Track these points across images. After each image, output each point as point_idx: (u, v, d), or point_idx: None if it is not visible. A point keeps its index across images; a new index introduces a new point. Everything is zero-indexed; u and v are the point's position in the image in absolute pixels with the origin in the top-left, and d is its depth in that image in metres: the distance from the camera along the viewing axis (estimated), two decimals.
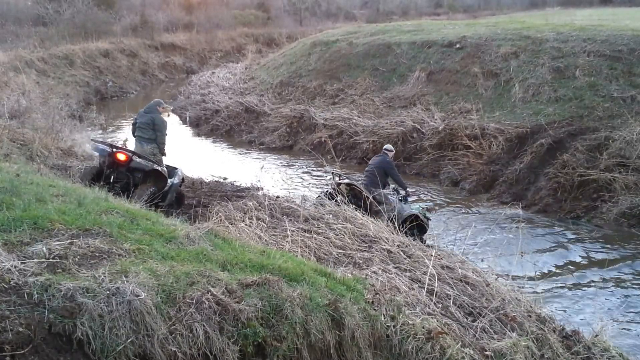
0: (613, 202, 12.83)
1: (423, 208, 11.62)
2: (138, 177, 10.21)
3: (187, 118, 23.67)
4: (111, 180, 9.87)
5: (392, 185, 11.83)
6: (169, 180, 10.83)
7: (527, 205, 13.52)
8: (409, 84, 20.40)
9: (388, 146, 12.27)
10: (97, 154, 10.25)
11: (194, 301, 4.52)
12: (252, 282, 5.14)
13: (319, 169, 16.64)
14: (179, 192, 11.36)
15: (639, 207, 12.36)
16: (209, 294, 4.67)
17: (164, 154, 11.34)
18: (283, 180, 15.85)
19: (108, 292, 4.16)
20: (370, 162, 12.03)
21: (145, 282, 4.41)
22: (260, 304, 4.87)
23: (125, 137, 19.50)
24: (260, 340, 4.70)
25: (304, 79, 23.87)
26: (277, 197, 11.22)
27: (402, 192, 11.67)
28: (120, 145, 10.47)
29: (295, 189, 14.58)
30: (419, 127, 17.43)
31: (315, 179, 16.20)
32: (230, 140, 21.11)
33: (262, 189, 12.37)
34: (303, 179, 16.30)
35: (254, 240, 8.23)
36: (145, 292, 4.27)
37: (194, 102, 25.63)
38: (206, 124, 22.59)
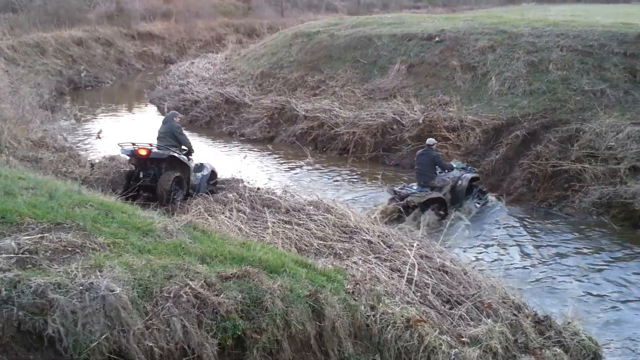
0: (583, 192, 13.14)
1: (464, 168, 13.37)
2: (162, 168, 10.90)
3: (166, 109, 23.43)
4: (141, 176, 10.79)
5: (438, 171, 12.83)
6: (198, 174, 11.61)
7: (502, 194, 13.71)
8: (390, 76, 20.44)
9: (430, 140, 12.95)
10: (126, 156, 11.13)
11: (171, 295, 4.48)
12: (231, 274, 5.12)
13: (301, 160, 16.60)
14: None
15: (608, 197, 12.66)
16: (187, 287, 4.64)
17: (192, 151, 11.78)
18: (264, 172, 15.80)
19: (81, 287, 4.09)
20: (418, 160, 12.82)
21: (120, 277, 4.36)
22: (240, 296, 4.85)
23: (99, 128, 19.40)
24: (239, 333, 4.68)
25: (285, 70, 23.78)
26: (258, 188, 11.20)
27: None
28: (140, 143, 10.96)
29: (275, 180, 14.54)
30: (399, 118, 17.49)
31: (297, 171, 16.17)
32: (210, 132, 20.99)
33: (242, 180, 12.32)
34: (284, 171, 16.27)
35: (234, 232, 8.22)
36: (120, 286, 4.22)
37: (172, 92, 25.39)
38: (185, 115, 22.40)
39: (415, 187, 12.67)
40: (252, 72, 25.16)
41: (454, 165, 13.23)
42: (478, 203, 13.21)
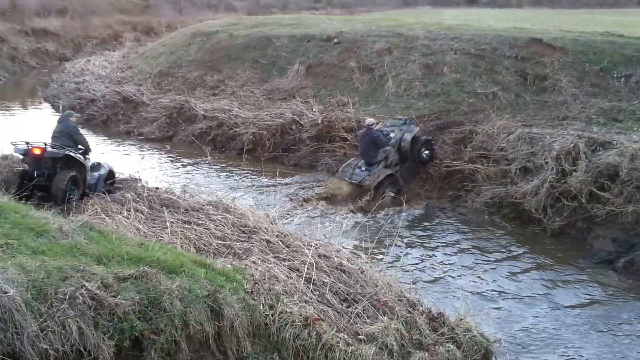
0: (476, 192, 13.65)
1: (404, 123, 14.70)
2: (58, 167, 10.51)
3: (61, 107, 22.46)
4: (35, 176, 10.30)
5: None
6: (95, 173, 11.28)
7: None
8: (289, 76, 20.60)
9: (369, 120, 14.18)
10: (19, 155, 10.69)
11: (66, 297, 4.42)
12: (129, 275, 5.09)
13: (200, 160, 16.46)
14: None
15: (499, 197, 13.20)
16: (83, 288, 4.59)
17: (89, 150, 11.46)
18: (163, 172, 15.54)
19: None
20: (360, 140, 14.16)
21: (14, 278, 4.26)
22: (137, 297, 4.84)
23: None
24: (137, 334, 4.67)
25: (184, 70, 23.44)
26: (157, 188, 11.03)
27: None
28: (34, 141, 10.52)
29: (174, 179, 14.34)
30: (297, 119, 17.64)
31: (196, 170, 16.02)
32: (107, 131, 20.36)
33: (140, 180, 12.08)
34: (183, 170, 16.06)
35: (132, 232, 8.09)
36: (14, 288, 4.13)
37: (67, 90, 24.48)
38: (81, 114, 21.59)
39: (363, 167, 13.78)
40: (150, 70, 24.62)
41: (390, 129, 14.43)
42: (427, 152, 14.55)
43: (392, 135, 14.28)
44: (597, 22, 27.62)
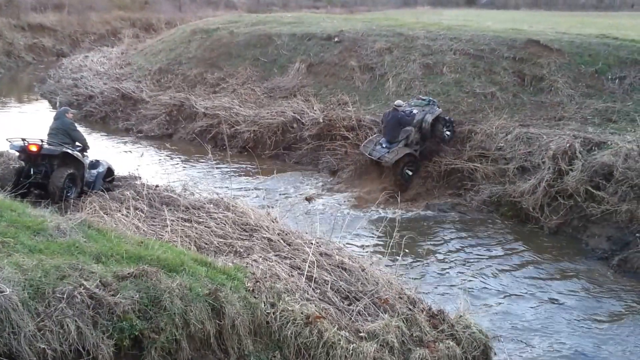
0: (475, 190, 13.79)
1: (427, 104, 15.07)
2: (55, 165, 10.44)
3: (58, 103, 22.41)
4: (31, 173, 10.22)
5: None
6: (93, 171, 11.22)
7: (415, 173, 14.32)
8: (290, 75, 20.57)
9: (398, 102, 14.65)
10: (15, 152, 10.61)
11: (64, 296, 4.36)
12: (128, 274, 5.02)
13: (200, 158, 16.39)
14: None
15: (497, 195, 13.39)
16: (82, 287, 4.52)
17: (87, 147, 11.34)
18: (163, 169, 15.47)
19: None
20: (385, 118, 14.53)
21: (10, 277, 4.19)
22: (137, 296, 4.78)
23: None
24: (137, 333, 4.61)
25: (184, 67, 23.37)
26: (156, 186, 10.95)
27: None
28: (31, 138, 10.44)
29: (174, 177, 14.26)
30: (298, 117, 17.63)
31: (196, 168, 15.95)
32: (106, 128, 20.30)
33: (140, 178, 12.01)
34: (183, 168, 16.00)
35: (132, 230, 8.02)
36: (10, 287, 4.06)
37: (65, 86, 24.35)
38: (79, 110, 21.51)
39: (384, 144, 14.14)
40: (149, 67, 24.54)
41: (413, 109, 14.70)
42: (448, 132, 15.05)
43: (415, 114, 14.54)
44: (592, 25, 27.75)
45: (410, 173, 14.16)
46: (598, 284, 10.36)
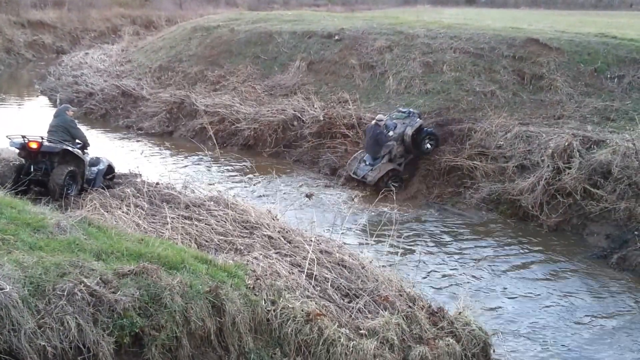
0: (474, 188, 13.80)
1: (407, 116, 14.85)
2: (55, 162, 10.45)
3: (58, 100, 22.41)
4: (31, 170, 10.24)
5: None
6: (93, 168, 11.23)
7: (398, 190, 14.05)
8: (290, 72, 20.57)
9: (379, 117, 14.44)
10: (15, 149, 10.58)
11: (65, 293, 4.35)
12: (129, 271, 5.02)
13: (201, 155, 16.39)
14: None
15: (497, 194, 13.38)
16: (82, 284, 4.52)
17: (88, 145, 11.35)
18: (163, 167, 15.45)
19: None
20: (367, 134, 14.58)
21: (10, 274, 4.19)
22: (137, 293, 4.77)
23: None
24: (137, 331, 4.61)
25: (185, 64, 23.38)
26: (157, 183, 10.94)
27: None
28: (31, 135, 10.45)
29: (175, 175, 14.25)
30: (299, 115, 17.63)
31: (197, 166, 15.95)
32: (106, 125, 20.31)
33: (140, 175, 12.02)
34: (184, 165, 15.99)
35: (132, 228, 8.02)
36: (10, 284, 4.06)
37: (65, 83, 24.40)
38: (79, 107, 21.51)
39: (368, 160, 14.22)
40: (150, 65, 24.56)
41: (394, 122, 14.62)
42: (429, 144, 14.76)
43: (395, 129, 14.42)
44: (591, 24, 27.74)
45: (395, 186, 13.77)
46: (597, 282, 10.38)
